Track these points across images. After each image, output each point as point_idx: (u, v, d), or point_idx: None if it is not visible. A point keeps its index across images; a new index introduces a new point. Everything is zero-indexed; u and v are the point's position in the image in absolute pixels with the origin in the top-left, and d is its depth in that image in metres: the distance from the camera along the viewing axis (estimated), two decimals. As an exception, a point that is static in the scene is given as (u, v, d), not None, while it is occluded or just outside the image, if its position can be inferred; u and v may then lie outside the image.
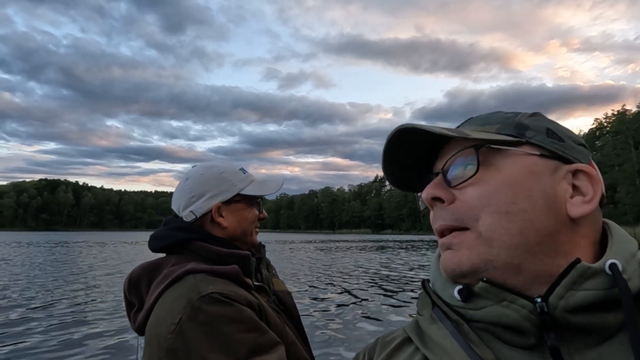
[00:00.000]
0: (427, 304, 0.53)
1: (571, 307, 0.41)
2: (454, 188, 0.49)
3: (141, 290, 1.07)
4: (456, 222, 0.48)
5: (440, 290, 0.52)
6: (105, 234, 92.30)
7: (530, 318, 0.43)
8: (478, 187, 0.47)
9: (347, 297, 9.06)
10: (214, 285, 0.95)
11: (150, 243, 1.13)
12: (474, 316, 0.47)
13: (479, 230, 0.46)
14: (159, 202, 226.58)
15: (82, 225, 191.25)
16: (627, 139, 64.17)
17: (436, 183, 0.50)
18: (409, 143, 0.52)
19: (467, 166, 0.48)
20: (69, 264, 16.76)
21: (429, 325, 0.50)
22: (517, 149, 0.48)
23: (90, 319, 6.79)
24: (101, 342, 5.52)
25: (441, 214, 0.49)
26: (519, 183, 0.46)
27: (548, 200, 0.46)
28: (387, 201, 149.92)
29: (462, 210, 0.48)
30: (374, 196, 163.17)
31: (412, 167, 0.56)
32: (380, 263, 17.97)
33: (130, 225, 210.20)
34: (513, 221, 0.45)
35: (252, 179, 1.22)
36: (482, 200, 0.46)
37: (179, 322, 0.89)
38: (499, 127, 0.51)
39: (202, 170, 1.19)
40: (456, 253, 0.47)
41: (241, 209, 1.17)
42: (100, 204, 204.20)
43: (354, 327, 6.43)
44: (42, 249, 26.64)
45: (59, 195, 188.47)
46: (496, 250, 0.45)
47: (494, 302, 0.45)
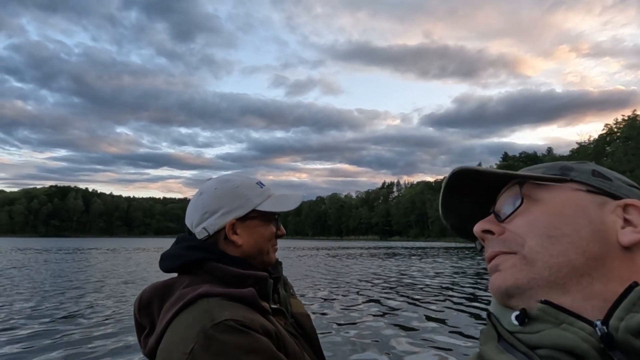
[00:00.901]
0: (491, 336, 0.52)
1: (633, 328, 0.41)
2: (504, 222, 0.53)
3: (152, 312, 1.01)
4: (504, 248, 0.51)
5: (500, 318, 0.52)
6: (114, 240, 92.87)
7: (589, 340, 0.42)
8: (523, 217, 0.51)
9: (365, 308, 8.87)
10: (229, 312, 0.90)
11: (161, 263, 1.08)
12: (531, 340, 0.47)
13: (524, 253, 0.49)
14: (167, 209, 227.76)
15: (91, 232, 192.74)
16: (638, 144, 63.40)
17: (487, 220, 0.54)
18: (465, 191, 0.57)
19: (515, 202, 0.53)
20: (78, 271, 16.87)
21: (498, 355, 0.48)
22: (561, 185, 0.52)
23: (98, 336, 6.76)
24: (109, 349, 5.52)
25: (492, 243, 0.53)
26: (562, 211, 0.49)
27: (594, 228, 0.48)
28: (394, 208, 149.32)
29: (509, 237, 0.51)
30: (382, 202, 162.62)
31: (472, 217, 0.59)
32: (394, 270, 17.79)
33: (139, 231, 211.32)
34: (555, 243, 0.47)
35: (270, 193, 1.17)
36: (526, 227, 0.50)
37: (192, 351, 0.83)
38: (544, 170, 0.56)
39: (217, 184, 1.14)
40: (502, 273, 0.50)
41: (257, 225, 1.12)
42: (109, 210, 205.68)
43: (377, 343, 6.20)
44: (52, 256, 26.85)
45: (69, 202, 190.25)
46: (539, 269, 0.47)
47: (553, 325, 0.45)
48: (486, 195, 0.58)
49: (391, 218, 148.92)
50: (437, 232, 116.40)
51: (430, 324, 7.15)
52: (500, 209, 0.55)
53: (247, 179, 1.17)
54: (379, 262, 22.95)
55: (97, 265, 19.49)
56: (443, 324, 7.25)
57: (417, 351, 5.64)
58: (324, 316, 7.86)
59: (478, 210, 0.59)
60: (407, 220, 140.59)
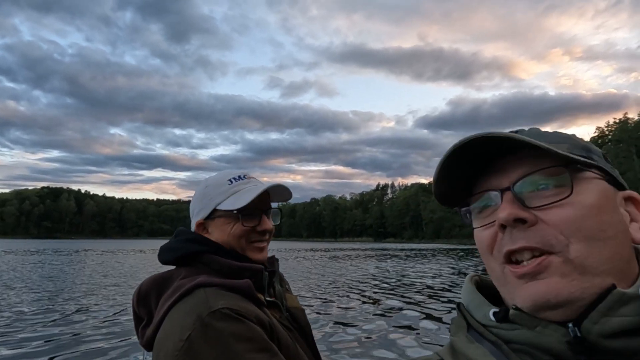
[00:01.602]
0: (461, 326, 0.51)
1: (607, 332, 0.41)
2: (536, 209, 0.45)
3: (150, 304, 1.04)
4: (543, 246, 0.44)
5: (474, 311, 0.51)
6: (107, 242, 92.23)
7: (563, 342, 0.42)
8: (568, 210, 0.44)
9: (360, 308, 8.97)
10: (225, 301, 0.92)
11: (160, 255, 1.11)
12: (508, 336, 0.46)
13: (569, 257, 0.43)
14: (161, 210, 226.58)
15: (84, 233, 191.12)
16: (629, 147, 64.16)
17: (513, 202, 0.46)
18: (464, 156, 0.49)
19: (546, 186, 0.45)
20: (71, 272, 16.78)
21: (466, 346, 0.48)
22: (592, 171, 0.47)
23: (94, 333, 6.77)
24: (107, 357, 5.51)
25: (524, 234, 0.45)
26: (603, 208, 0.45)
27: (623, 227, 0.46)
28: (389, 209, 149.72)
29: (550, 233, 0.44)
30: (376, 204, 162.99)
31: (458, 180, 0.52)
32: (389, 271, 17.90)
33: (132, 233, 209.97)
34: (604, 249, 0.43)
35: (235, 190, 1.15)
36: (573, 224, 0.43)
37: (188, 338, 0.86)
38: (569, 147, 0.49)
39: (197, 188, 1.20)
40: (548, 282, 0.43)
41: (223, 223, 1.12)
42: (102, 211, 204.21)
43: (368, 341, 6.32)
44: (44, 257, 26.63)
45: (61, 203, 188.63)
46: (590, 277, 0.43)
47: (528, 327, 0.44)
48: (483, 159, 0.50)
49: (385, 220, 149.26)
50: (431, 234, 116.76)
51: (427, 322, 7.26)
52: (524, 193, 0.46)
53: (221, 177, 1.18)
54: (374, 264, 23.04)
55: (90, 267, 19.37)
56: (439, 322, 7.34)
57: (407, 346, 5.71)
58: (319, 314, 7.88)
59: (469, 175, 0.52)
60: (401, 222, 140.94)
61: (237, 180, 1.17)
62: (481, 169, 0.51)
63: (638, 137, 64.32)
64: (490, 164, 0.50)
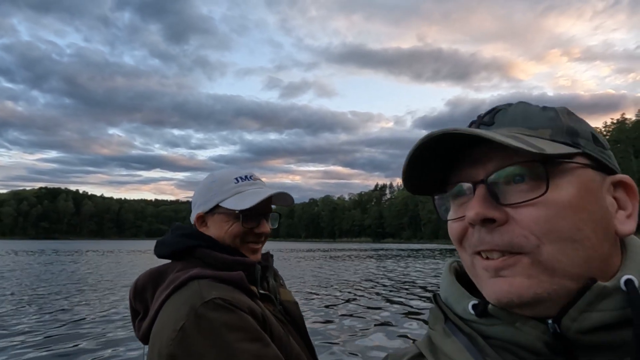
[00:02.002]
0: (439, 318, 0.50)
1: (585, 329, 0.40)
2: (508, 206, 0.42)
3: (146, 297, 1.07)
4: (511, 248, 0.42)
5: (453, 304, 0.49)
6: (105, 243, 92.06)
7: (543, 339, 0.41)
8: (540, 209, 0.41)
9: (353, 306, 8.99)
10: (217, 291, 0.94)
11: (156, 249, 1.14)
12: (487, 332, 0.45)
13: (538, 258, 0.41)
14: (159, 211, 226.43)
15: (82, 234, 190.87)
16: (627, 147, 64.36)
17: (484, 199, 0.43)
18: (436, 147, 0.46)
19: (522, 180, 0.42)
20: (69, 272, 16.71)
21: (442, 340, 0.47)
22: (574, 161, 0.44)
23: (93, 330, 6.76)
24: (105, 353, 5.50)
25: (491, 236, 0.43)
26: (581, 205, 0.42)
27: (605, 222, 0.43)
28: (387, 210, 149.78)
29: (519, 234, 0.41)
30: (375, 205, 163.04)
31: (431, 170, 0.49)
32: (387, 271, 17.87)
33: (130, 233, 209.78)
34: (578, 249, 0.41)
35: (239, 190, 1.16)
36: (545, 225, 0.41)
37: (182, 328, 0.88)
38: (552, 133, 0.45)
39: (204, 179, 1.22)
40: (512, 281, 0.42)
41: (222, 220, 1.14)
42: (100, 212, 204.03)
43: (361, 337, 6.37)
44: (42, 258, 26.56)
45: (59, 204, 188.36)
46: (559, 279, 0.41)
47: (507, 323, 0.43)
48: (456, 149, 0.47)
49: (384, 220, 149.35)
50: (430, 234, 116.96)
51: (403, 320, 7.28)
52: (499, 188, 0.44)
53: (228, 174, 1.19)
54: (373, 264, 23.02)
55: (89, 267, 19.31)
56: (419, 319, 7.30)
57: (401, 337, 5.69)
58: (313, 310, 7.86)
59: (444, 163, 0.49)
60: (399, 222, 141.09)
61: (243, 180, 1.18)
62: (456, 157, 0.48)
63: (635, 138, 64.54)
64: (467, 152, 0.47)
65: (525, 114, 0.48)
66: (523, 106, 0.49)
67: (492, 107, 0.51)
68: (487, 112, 0.51)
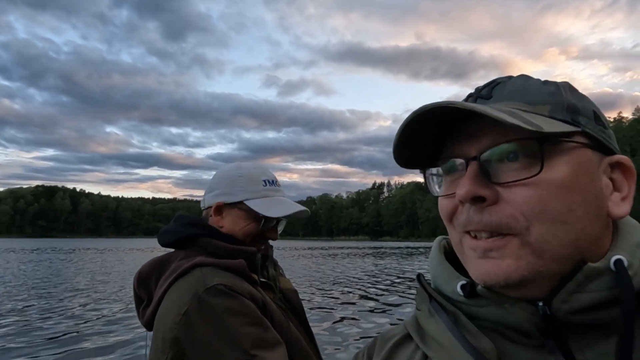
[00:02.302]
0: (424, 298, 0.51)
1: (575, 309, 0.40)
2: (499, 185, 0.41)
3: (150, 285, 1.10)
4: (500, 229, 0.41)
5: (442, 284, 0.49)
6: (102, 241, 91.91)
7: (532, 321, 0.41)
8: (532, 189, 0.40)
9: (357, 302, 9.11)
10: (219, 278, 0.98)
11: (159, 238, 1.16)
12: (476, 313, 0.45)
13: (528, 240, 0.40)
14: (156, 209, 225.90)
15: (79, 232, 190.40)
16: (623, 146, 64.68)
17: (475, 177, 0.42)
18: (426, 123, 0.44)
19: (516, 158, 0.41)
20: (66, 270, 16.73)
21: (426, 320, 0.48)
22: (573, 140, 0.42)
23: (94, 324, 6.83)
24: (108, 343, 5.57)
25: (480, 216, 0.42)
26: (576, 185, 0.41)
27: (598, 203, 0.42)
28: (385, 208, 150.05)
29: (509, 215, 0.40)
30: (372, 203, 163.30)
31: (424, 144, 0.48)
32: (385, 269, 17.97)
33: (128, 231, 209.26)
34: (568, 231, 0.40)
35: (267, 194, 1.19)
36: (536, 206, 0.40)
37: (185, 313, 0.93)
38: (551, 109, 0.43)
39: (230, 167, 1.23)
40: (500, 263, 0.41)
41: (241, 217, 1.16)
42: (97, 210, 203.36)
43: (361, 326, 6.54)
44: (39, 256, 26.54)
45: (56, 202, 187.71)
46: (546, 261, 0.40)
47: (496, 304, 0.43)
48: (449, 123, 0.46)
49: (382, 218, 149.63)
50: (427, 233, 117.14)
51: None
52: (492, 165, 0.42)
53: (257, 173, 1.21)
54: (370, 261, 23.12)
55: (86, 265, 19.33)
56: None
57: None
58: (311, 301, 7.89)
59: (433, 136, 0.47)
60: (397, 220, 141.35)
61: (270, 184, 1.21)
62: (450, 131, 0.47)
63: (632, 136, 64.87)
64: (462, 126, 0.45)
65: (524, 88, 0.46)
66: (523, 79, 0.47)
67: (492, 80, 0.49)
68: (486, 84, 0.49)
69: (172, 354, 0.92)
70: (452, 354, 0.43)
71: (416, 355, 0.48)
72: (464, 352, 0.42)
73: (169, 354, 0.93)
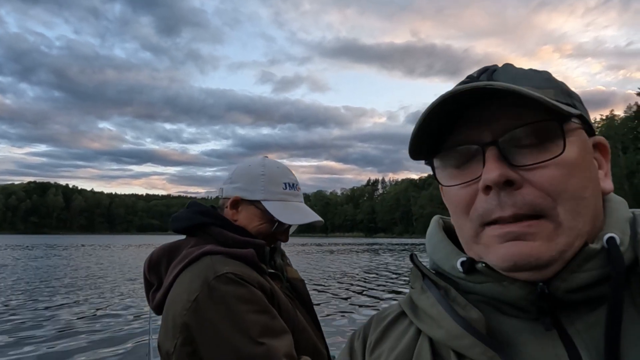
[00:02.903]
0: (417, 276, 0.52)
1: (572, 288, 0.41)
2: (522, 168, 0.41)
3: (160, 270, 1.12)
4: (533, 211, 0.41)
5: (441, 260, 0.50)
6: (95, 237, 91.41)
7: (529, 298, 0.42)
8: (553, 169, 0.41)
9: (357, 295, 9.19)
10: (229, 267, 1.00)
11: (171, 223, 1.18)
12: (473, 288, 0.46)
13: (558, 220, 0.41)
14: (150, 205, 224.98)
15: (72, 229, 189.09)
16: (615, 143, 65.21)
17: (499, 161, 0.41)
18: (439, 110, 0.43)
19: (535, 141, 0.41)
20: (60, 267, 16.66)
21: (419, 296, 0.49)
22: (577, 122, 0.44)
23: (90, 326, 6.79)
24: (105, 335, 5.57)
25: (511, 200, 0.41)
26: (584, 164, 0.42)
27: (597, 180, 0.45)
28: (379, 205, 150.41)
29: (538, 196, 0.41)
30: (367, 200, 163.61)
31: (430, 135, 0.46)
32: (382, 264, 18.05)
33: (122, 228, 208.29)
34: (588, 206, 0.42)
35: (286, 198, 1.20)
36: (559, 185, 0.41)
37: (195, 299, 0.95)
38: (555, 93, 0.44)
39: (255, 163, 1.23)
40: (532, 245, 0.40)
41: (256, 215, 1.17)
42: (90, 207, 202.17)
43: (353, 318, 6.62)
44: (32, 252, 26.36)
45: (49, 198, 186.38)
46: (572, 239, 0.41)
47: (494, 280, 0.44)
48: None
49: (376, 215, 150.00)
50: (422, 229, 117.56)
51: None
52: (512, 150, 0.42)
53: (279, 174, 1.22)
54: (366, 257, 23.20)
55: (80, 262, 19.23)
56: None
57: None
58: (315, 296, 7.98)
59: (443, 125, 0.46)
60: (391, 217, 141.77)
61: (290, 187, 1.22)
62: (453, 119, 0.45)
63: (624, 134, 65.44)
64: (465, 113, 0.44)
65: (525, 73, 0.46)
66: (513, 67, 0.48)
67: (484, 67, 0.49)
68: (481, 71, 0.48)
69: (182, 339, 0.95)
70: (441, 325, 0.44)
71: (410, 330, 0.50)
72: (452, 322, 0.43)
73: (178, 338, 0.95)
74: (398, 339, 0.50)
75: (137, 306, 7.93)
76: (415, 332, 0.49)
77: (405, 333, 0.50)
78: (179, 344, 0.95)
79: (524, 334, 0.42)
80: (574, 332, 0.41)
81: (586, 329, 0.41)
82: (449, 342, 0.43)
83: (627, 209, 0.46)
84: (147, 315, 6.26)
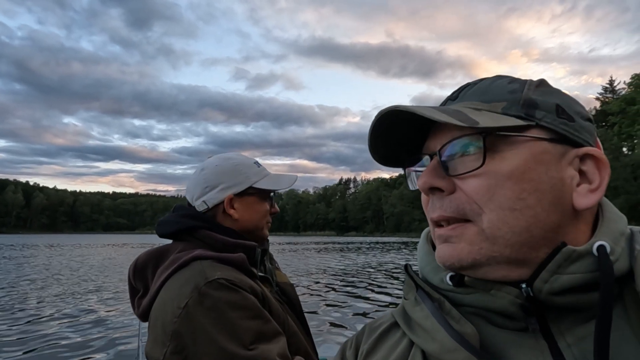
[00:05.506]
0: (411, 287, 0.53)
1: (556, 290, 0.42)
2: (454, 177, 0.45)
3: (147, 275, 1.08)
4: (457, 214, 0.45)
5: (430, 274, 0.52)
6: (57, 237, 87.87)
7: (516, 303, 0.43)
8: (481, 180, 0.44)
9: (337, 293, 9.14)
10: (220, 272, 0.97)
11: (158, 228, 1.14)
12: (463, 300, 0.47)
13: (481, 226, 0.44)
14: (117, 204, 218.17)
15: (32, 228, 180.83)
16: (577, 145, 68.08)
17: (433, 170, 0.46)
18: (400, 121, 0.48)
19: (469, 152, 0.45)
20: (27, 268, 15.79)
21: (413, 308, 0.50)
22: (526, 134, 0.44)
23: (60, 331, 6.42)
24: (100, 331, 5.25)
25: (440, 203, 0.46)
26: (525, 175, 0.43)
27: (555, 193, 0.43)
28: (351, 204, 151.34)
29: (464, 202, 0.44)
30: (339, 199, 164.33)
31: (400, 144, 0.52)
32: (356, 262, 18.09)
33: (86, 227, 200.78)
34: (518, 218, 0.43)
35: (266, 173, 1.23)
36: (485, 194, 0.43)
37: (185, 306, 0.91)
38: (506, 106, 0.46)
39: (218, 161, 1.20)
40: (455, 247, 0.45)
41: (254, 202, 1.18)
42: (53, 205, 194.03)
43: (352, 318, 6.60)
44: None
45: (7, 196, 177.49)
46: (500, 247, 0.43)
47: (482, 291, 0.45)
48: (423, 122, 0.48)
49: (348, 214, 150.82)
50: (392, 228, 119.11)
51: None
52: (449, 159, 0.46)
53: (246, 158, 1.24)
54: (337, 255, 23.20)
55: (38, 264, 18.31)
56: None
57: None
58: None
59: (411, 134, 0.51)
60: (363, 216, 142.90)
61: (259, 165, 1.25)
62: (426, 129, 0.51)
63: (585, 136, 68.41)
64: (434, 124, 0.49)
65: (487, 88, 0.49)
66: (492, 80, 0.50)
67: (465, 83, 0.53)
68: (460, 89, 0.52)
69: (172, 347, 0.91)
70: (435, 338, 0.45)
71: (402, 341, 0.50)
72: (446, 335, 0.44)
73: (168, 347, 0.91)
74: (390, 350, 0.51)
75: (124, 310, 7.49)
76: (408, 344, 0.50)
77: (398, 344, 0.51)
78: (169, 352, 0.91)
79: (514, 347, 0.44)
80: (564, 345, 0.42)
81: (576, 342, 0.42)
82: (443, 356, 0.44)
83: (625, 224, 0.47)
84: (133, 320, 5.91)
